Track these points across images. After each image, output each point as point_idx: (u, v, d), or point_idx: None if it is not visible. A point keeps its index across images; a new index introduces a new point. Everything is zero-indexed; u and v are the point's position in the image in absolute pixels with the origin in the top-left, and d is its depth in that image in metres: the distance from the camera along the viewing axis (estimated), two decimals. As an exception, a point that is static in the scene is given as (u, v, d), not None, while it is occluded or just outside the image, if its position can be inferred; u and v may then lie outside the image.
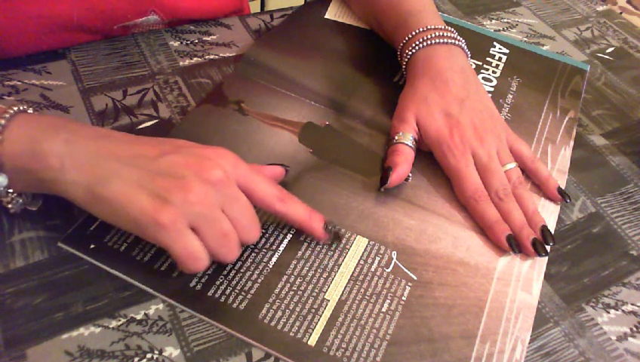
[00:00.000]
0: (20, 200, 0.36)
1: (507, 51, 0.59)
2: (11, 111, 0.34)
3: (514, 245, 0.40)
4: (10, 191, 0.35)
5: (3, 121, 0.33)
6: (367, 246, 0.40)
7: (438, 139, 0.45)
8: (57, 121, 0.36)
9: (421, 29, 0.49)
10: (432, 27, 0.49)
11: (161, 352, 0.34)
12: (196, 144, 0.36)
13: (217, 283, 0.36)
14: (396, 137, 0.45)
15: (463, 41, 0.50)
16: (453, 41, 0.49)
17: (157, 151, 0.34)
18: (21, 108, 0.35)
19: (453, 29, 0.50)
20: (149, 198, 0.32)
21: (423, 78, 0.47)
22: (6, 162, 0.33)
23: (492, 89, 0.54)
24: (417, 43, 0.48)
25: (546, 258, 0.41)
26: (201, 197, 0.32)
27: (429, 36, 0.48)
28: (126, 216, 0.32)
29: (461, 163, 0.43)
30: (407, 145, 0.44)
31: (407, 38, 0.50)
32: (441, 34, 0.48)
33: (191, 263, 0.33)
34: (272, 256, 0.38)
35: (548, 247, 0.41)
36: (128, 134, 0.36)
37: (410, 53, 0.49)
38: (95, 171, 0.33)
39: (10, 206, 0.36)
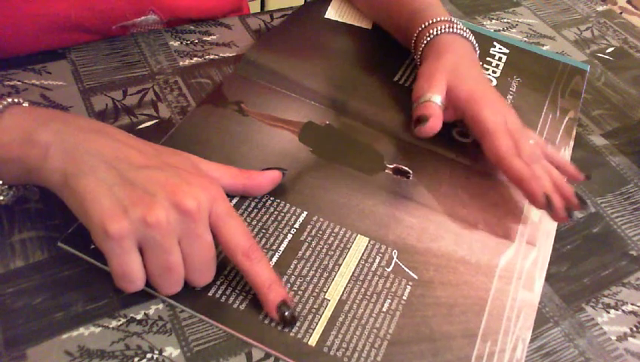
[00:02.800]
0: (11, 193, 0.36)
1: (507, 51, 0.59)
2: (5, 103, 0.34)
3: (551, 201, 0.40)
4: (0, 183, 0.35)
5: None
6: (367, 245, 0.40)
7: (472, 96, 0.44)
8: (52, 112, 0.35)
9: (441, 19, 0.49)
10: (449, 19, 0.49)
11: (161, 352, 0.33)
12: (192, 169, 0.35)
13: (217, 283, 0.36)
14: (422, 98, 0.45)
15: (474, 37, 0.50)
16: (468, 36, 0.50)
17: (143, 160, 0.33)
18: (15, 100, 0.35)
19: (464, 26, 0.50)
20: (111, 204, 0.31)
21: (449, 52, 0.47)
22: None
23: (492, 89, 0.54)
24: (441, 27, 0.48)
25: (549, 255, 0.42)
26: (159, 222, 0.31)
27: (448, 25, 0.49)
28: (85, 213, 0.31)
29: (498, 118, 0.43)
30: (436, 103, 0.44)
31: (428, 22, 0.49)
32: (460, 27, 0.49)
33: (122, 283, 0.32)
34: (272, 256, 0.38)
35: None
36: (125, 133, 0.36)
37: (433, 34, 0.49)
38: (75, 162, 0.32)
39: (1, 198, 0.36)
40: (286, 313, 0.34)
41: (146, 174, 0.33)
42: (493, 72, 0.56)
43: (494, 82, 0.55)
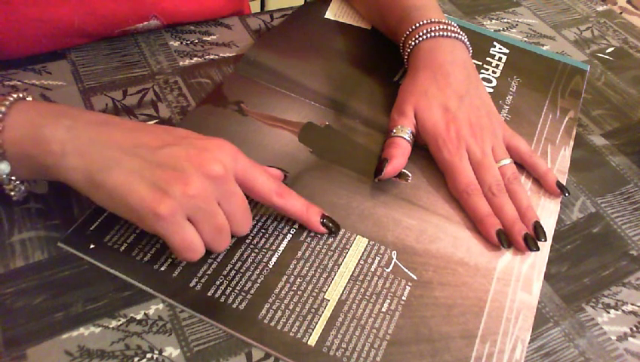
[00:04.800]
0: (23, 188, 0.36)
1: (507, 51, 0.59)
2: (11, 99, 0.34)
3: (503, 240, 0.41)
4: (13, 178, 0.35)
5: (3, 109, 0.33)
6: (367, 246, 0.40)
7: (434, 133, 0.45)
8: (57, 107, 0.36)
9: (425, 21, 0.49)
10: (436, 20, 0.49)
11: (161, 352, 0.34)
12: (198, 135, 0.37)
13: (217, 283, 0.36)
14: (394, 130, 0.45)
15: (466, 36, 0.50)
16: (456, 35, 0.49)
17: (159, 141, 0.35)
18: (20, 95, 0.35)
19: (455, 24, 0.50)
20: (149, 189, 0.32)
21: (424, 70, 0.47)
22: (8, 149, 0.33)
23: (492, 90, 0.54)
24: (421, 34, 0.49)
25: (546, 258, 0.41)
26: (199, 191, 0.33)
27: (433, 28, 0.48)
28: (125, 205, 0.33)
29: (455, 157, 0.44)
30: (404, 138, 0.45)
31: (410, 30, 0.50)
32: (444, 27, 0.49)
33: (188, 254, 0.34)
34: (272, 256, 0.38)
35: (541, 244, 0.41)
36: (130, 121, 0.37)
37: (413, 43, 0.49)
38: (96, 158, 0.33)
39: (12, 193, 0.36)
40: (330, 224, 0.40)
41: (166, 153, 0.34)
42: (493, 72, 0.56)
43: (494, 82, 0.55)
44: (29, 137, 0.33)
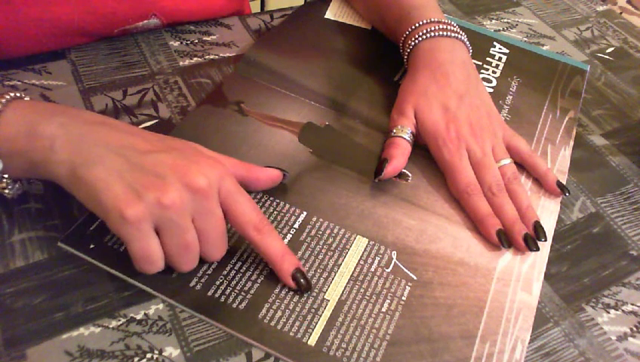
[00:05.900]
0: (17, 186, 0.36)
1: (507, 51, 0.59)
2: (7, 97, 0.34)
3: (503, 240, 0.41)
4: (5, 176, 0.35)
5: None
6: (367, 246, 0.40)
7: (434, 133, 0.45)
8: (54, 106, 0.36)
9: (425, 21, 0.49)
10: (436, 20, 0.49)
11: (161, 352, 0.34)
12: (194, 148, 0.36)
13: (217, 283, 0.36)
14: (394, 130, 0.46)
15: (466, 36, 0.50)
16: (456, 35, 0.49)
17: (148, 146, 0.34)
18: (17, 94, 0.35)
19: (455, 24, 0.50)
20: (124, 190, 0.32)
21: (424, 70, 0.47)
22: (0, 146, 0.33)
23: (492, 90, 0.54)
24: (421, 34, 0.49)
25: (546, 258, 0.41)
26: (174, 202, 0.32)
27: (432, 28, 0.49)
28: (98, 201, 0.32)
29: (455, 157, 0.44)
30: (404, 138, 0.45)
31: (410, 30, 0.50)
32: (444, 27, 0.49)
33: (144, 265, 0.33)
34: (272, 256, 0.38)
35: (541, 244, 0.41)
36: (127, 124, 0.37)
37: (412, 43, 0.49)
38: (81, 153, 0.33)
39: (7, 191, 0.36)
40: (301, 280, 0.36)
41: (153, 158, 0.33)
42: (493, 72, 0.56)
43: (494, 82, 0.55)
44: (23, 134, 0.33)
